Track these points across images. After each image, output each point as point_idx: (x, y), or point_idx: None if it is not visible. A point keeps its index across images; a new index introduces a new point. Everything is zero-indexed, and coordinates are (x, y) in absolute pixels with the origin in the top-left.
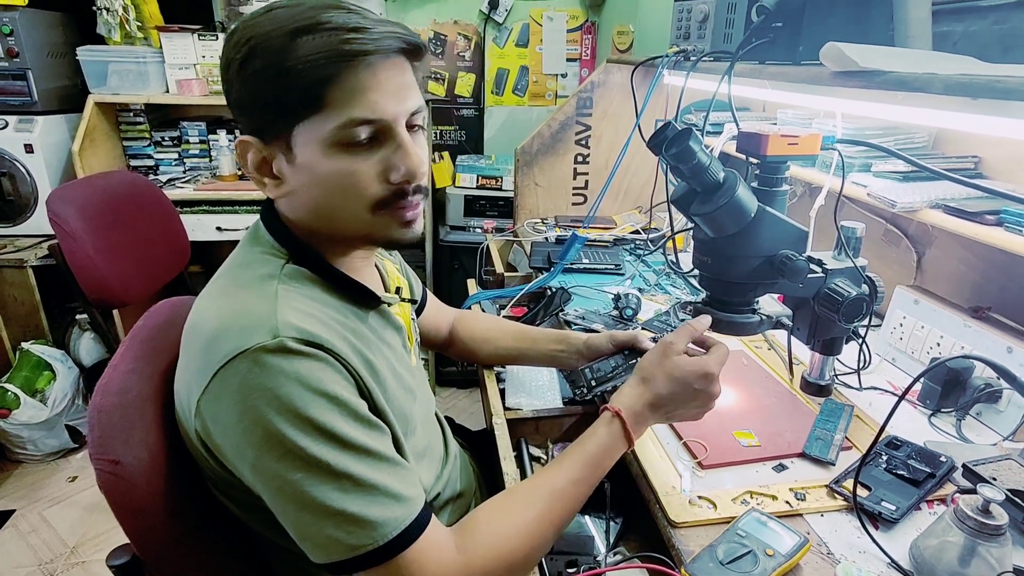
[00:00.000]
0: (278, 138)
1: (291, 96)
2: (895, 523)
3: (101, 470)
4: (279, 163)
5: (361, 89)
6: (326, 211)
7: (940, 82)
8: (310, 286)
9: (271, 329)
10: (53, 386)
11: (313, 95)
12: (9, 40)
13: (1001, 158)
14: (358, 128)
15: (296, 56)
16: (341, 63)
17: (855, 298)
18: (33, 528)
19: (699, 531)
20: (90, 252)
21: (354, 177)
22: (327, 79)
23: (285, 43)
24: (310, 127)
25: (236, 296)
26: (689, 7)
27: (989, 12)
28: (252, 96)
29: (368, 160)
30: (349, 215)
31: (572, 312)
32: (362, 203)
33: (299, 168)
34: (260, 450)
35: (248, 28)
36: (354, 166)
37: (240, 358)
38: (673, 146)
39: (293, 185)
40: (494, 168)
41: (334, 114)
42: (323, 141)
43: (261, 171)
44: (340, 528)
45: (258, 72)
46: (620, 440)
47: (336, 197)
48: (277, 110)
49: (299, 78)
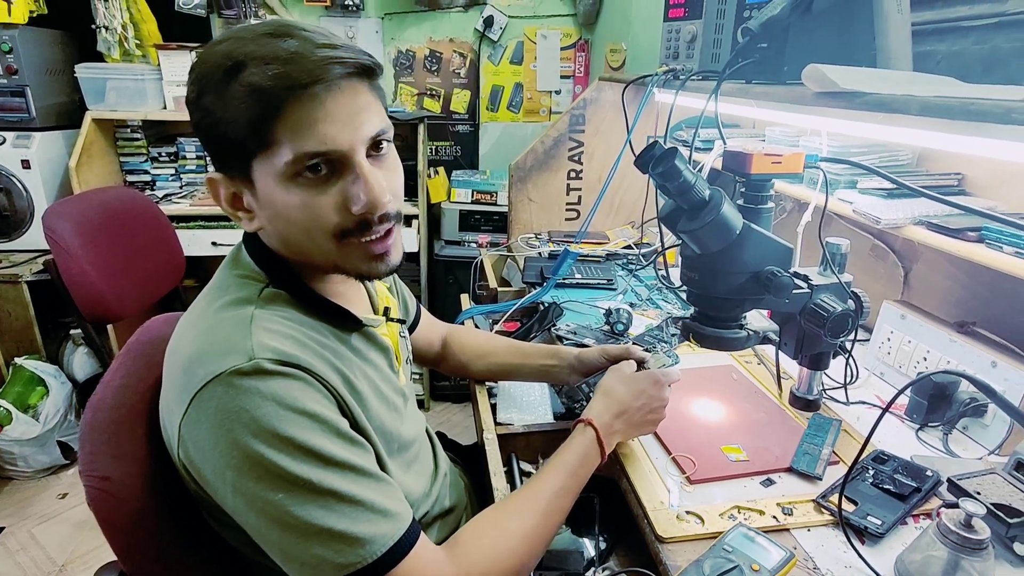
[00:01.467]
0: (240, 174)
1: (239, 134)
2: (881, 538)
3: (91, 487)
4: (247, 197)
5: (310, 122)
6: (294, 244)
7: (917, 104)
8: (289, 309)
9: (246, 351)
10: (46, 402)
11: (260, 132)
12: (8, 58)
13: (984, 175)
14: (312, 161)
15: (236, 93)
16: (284, 96)
17: (840, 314)
18: (22, 546)
19: (686, 546)
20: (85, 267)
21: (313, 210)
22: (270, 115)
23: (225, 82)
24: (264, 163)
25: (212, 321)
26: (678, 27)
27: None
28: (207, 134)
29: (327, 193)
30: (315, 248)
31: (564, 327)
32: (324, 235)
33: (262, 203)
34: (240, 472)
35: (198, 61)
36: (313, 199)
37: (216, 381)
38: (660, 165)
39: (263, 219)
40: (489, 183)
41: (284, 150)
42: (278, 176)
43: (234, 205)
44: (327, 547)
45: (207, 111)
46: (595, 450)
47: (299, 230)
48: (230, 148)
49: (244, 115)
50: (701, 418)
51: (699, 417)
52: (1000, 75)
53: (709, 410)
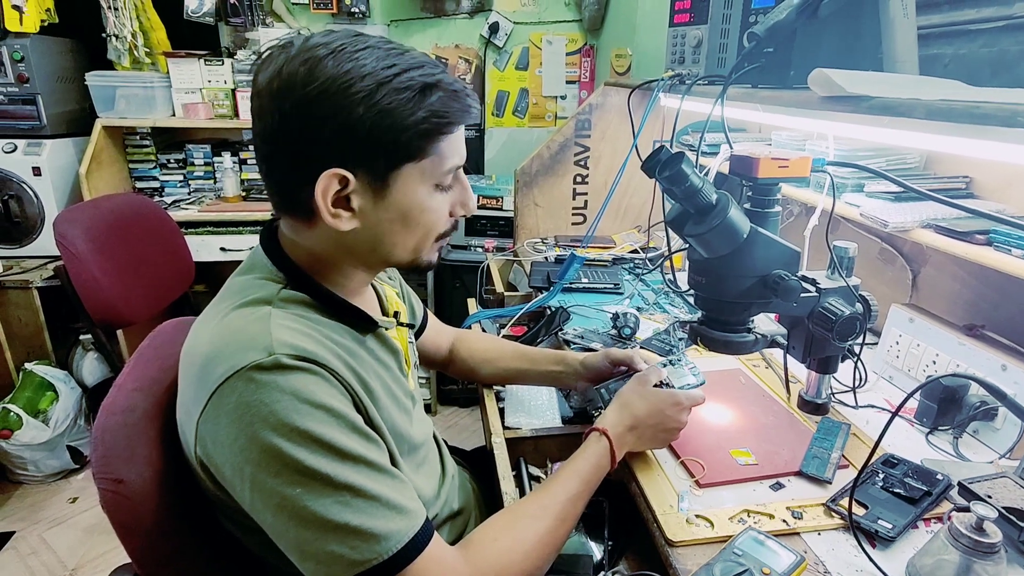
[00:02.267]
0: (376, 175)
1: (412, 140)
2: (892, 541)
3: (104, 489)
4: (363, 199)
5: (459, 142)
6: (391, 242)
7: (923, 107)
8: (306, 309)
9: (266, 347)
10: (55, 407)
11: (431, 143)
12: (20, 66)
13: (992, 178)
14: (454, 172)
15: (421, 109)
16: (459, 120)
17: (848, 317)
18: (33, 550)
19: (696, 550)
20: (95, 273)
21: (439, 213)
22: (443, 133)
23: (418, 95)
24: (418, 169)
25: (230, 320)
26: (683, 32)
27: (978, 35)
28: (370, 130)
29: (447, 198)
30: (415, 245)
31: (571, 331)
32: (434, 235)
33: (389, 204)
34: (257, 466)
35: (376, 67)
36: (441, 204)
37: (236, 377)
38: (666, 169)
39: (370, 220)
40: (495, 188)
41: (444, 160)
42: (429, 182)
43: (336, 204)
44: (343, 543)
45: (381, 111)
46: (606, 458)
47: (418, 231)
48: (389, 148)
49: (420, 126)
50: (710, 422)
51: (708, 421)
52: (1008, 78)
53: (717, 414)
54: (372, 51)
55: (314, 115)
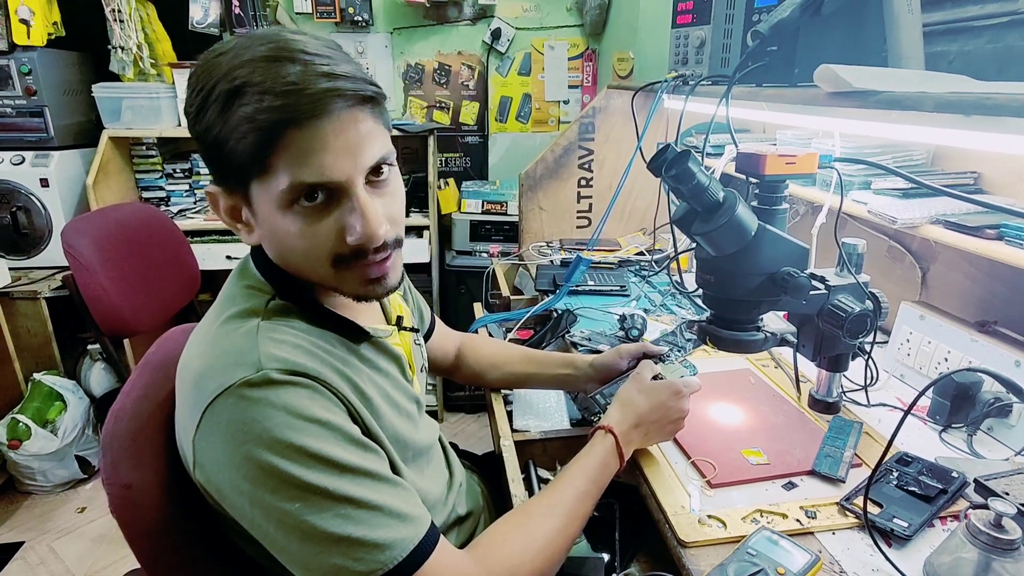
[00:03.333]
0: (239, 191)
1: (238, 159)
2: (908, 540)
3: (113, 495)
4: (246, 212)
5: (307, 151)
6: (292, 264)
7: (932, 100)
8: (295, 320)
9: (254, 363)
10: (64, 416)
11: (258, 160)
12: (27, 79)
13: (1000, 173)
14: (308, 191)
15: (234, 122)
16: (283, 126)
17: (859, 314)
18: (41, 560)
19: (709, 550)
20: (103, 283)
21: (309, 238)
22: (268, 146)
23: (226, 106)
24: (261, 188)
25: (219, 334)
26: (686, 33)
27: (983, 31)
28: (206, 149)
29: (324, 221)
30: (311, 270)
31: (578, 334)
32: (321, 261)
33: (260, 221)
34: (255, 484)
35: (198, 76)
36: (309, 227)
37: (226, 394)
38: (673, 168)
39: (264, 235)
40: (499, 193)
41: (282, 177)
42: (275, 202)
43: (233, 217)
44: (347, 556)
45: (207, 128)
46: (613, 457)
47: (296, 254)
48: (229, 168)
49: (241, 143)
50: (720, 422)
51: (718, 421)
52: (1014, 73)
53: (727, 414)
54: (223, 57)
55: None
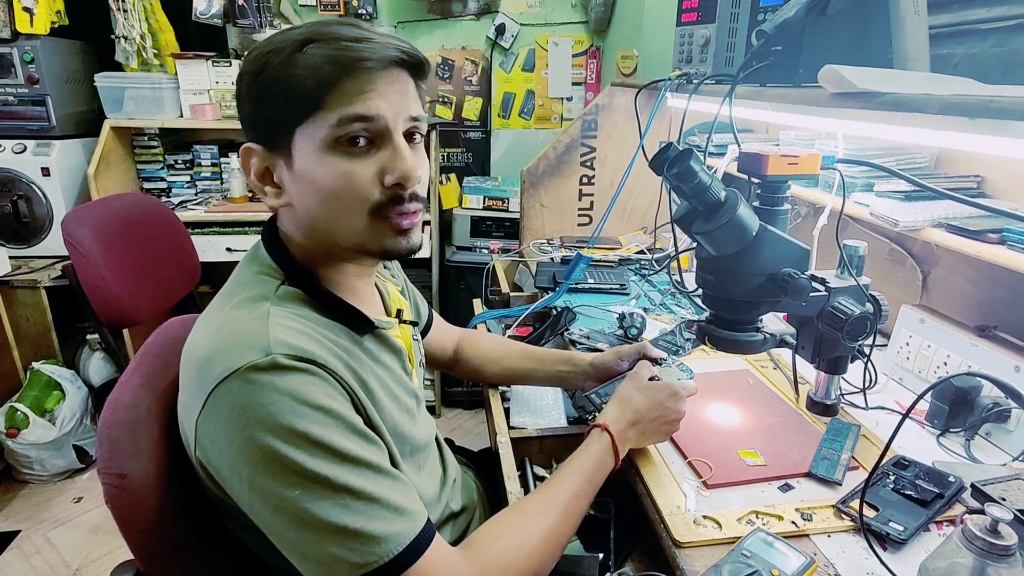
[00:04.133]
0: (280, 145)
1: (293, 99)
2: (903, 544)
3: (109, 484)
4: (280, 172)
5: (359, 91)
6: (323, 220)
7: (936, 102)
8: (304, 307)
9: (263, 347)
10: (62, 406)
11: (313, 97)
12: (30, 68)
13: (1004, 177)
14: (354, 125)
15: (300, 63)
16: (342, 68)
17: (859, 316)
18: (37, 549)
19: (704, 551)
20: (103, 272)
21: (350, 178)
22: (327, 83)
23: (292, 53)
24: (309, 129)
25: (229, 318)
26: (691, 32)
27: (989, 34)
28: (259, 105)
29: (364, 162)
30: (345, 222)
31: (577, 332)
32: (358, 207)
33: (298, 175)
34: (256, 468)
35: (263, 44)
36: (351, 167)
37: (232, 377)
38: (675, 166)
39: (292, 194)
40: (500, 190)
41: (332, 113)
42: (322, 141)
43: (263, 180)
44: (343, 546)
45: (266, 81)
46: (609, 455)
47: (333, 202)
48: (280, 115)
49: (302, 83)
50: (717, 422)
51: (715, 421)
52: (1019, 77)
53: (725, 414)
54: (291, 31)
55: (239, 98)
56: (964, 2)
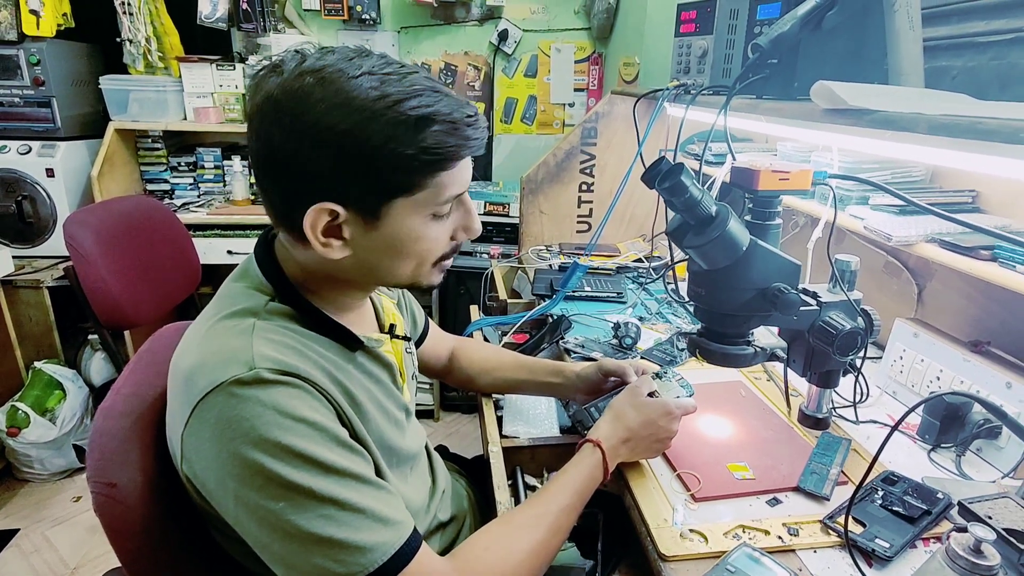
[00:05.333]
0: (366, 208)
1: (404, 177)
2: (889, 561)
3: (97, 492)
4: (353, 229)
5: (458, 177)
6: (385, 268)
7: (926, 122)
8: (292, 323)
9: (246, 361)
10: (63, 405)
11: (427, 179)
12: (36, 69)
13: (999, 193)
14: (453, 202)
15: (420, 145)
16: (457, 153)
17: (849, 331)
18: (36, 548)
19: (689, 565)
20: (103, 274)
21: (436, 242)
22: (443, 167)
23: (414, 129)
24: (411, 202)
25: (214, 331)
26: (689, 43)
27: (988, 48)
28: (355, 168)
29: (445, 226)
30: (411, 271)
31: (572, 340)
32: (430, 261)
33: (380, 234)
34: (240, 481)
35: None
36: (438, 233)
37: (217, 391)
38: (666, 180)
39: (362, 250)
40: (501, 195)
41: (441, 192)
42: (424, 213)
43: (328, 234)
44: (328, 556)
45: (373, 148)
46: (599, 470)
47: (411, 259)
48: (382, 186)
49: (418, 162)
50: (708, 435)
51: (706, 434)
52: (1017, 92)
53: (716, 427)
54: (367, 79)
55: (303, 147)
56: (964, 14)
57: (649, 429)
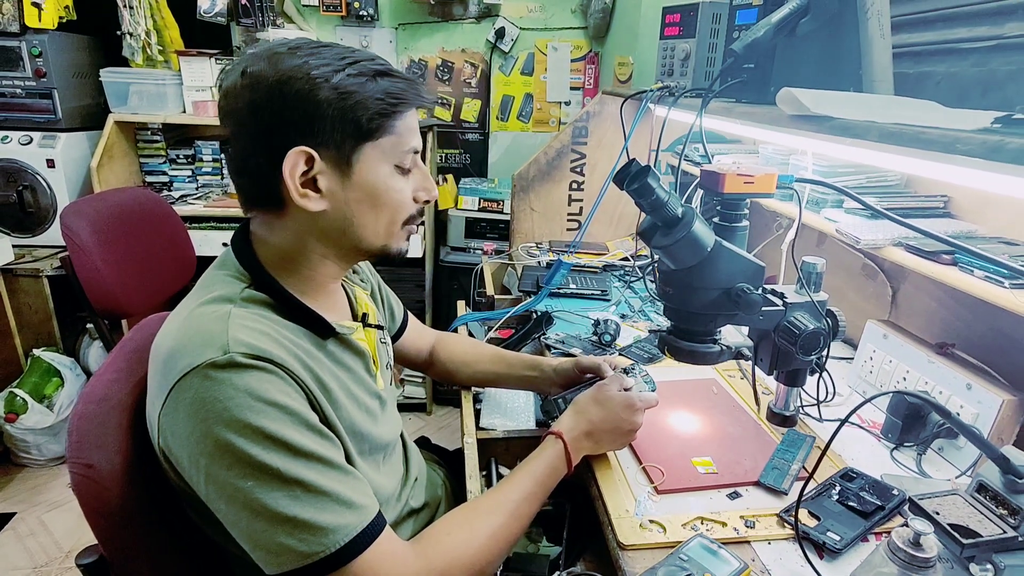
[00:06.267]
0: (339, 155)
1: (370, 119)
2: (839, 553)
3: (75, 473)
4: (329, 179)
5: (412, 126)
6: (360, 225)
7: (876, 130)
8: (267, 310)
9: (221, 346)
10: (60, 393)
11: (388, 122)
12: (38, 61)
13: (969, 198)
14: (413, 155)
15: (378, 89)
16: (410, 103)
17: (812, 332)
18: (31, 531)
19: (646, 554)
20: (98, 264)
21: (402, 195)
22: (399, 113)
23: (372, 78)
24: (377, 148)
25: (193, 316)
26: (672, 45)
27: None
28: (332, 109)
29: (407, 182)
30: (383, 228)
31: (553, 336)
32: (399, 218)
33: (354, 185)
34: (212, 459)
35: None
36: (403, 186)
37: (193, 373)
38: (634, 182)
39: (337, 201)
40: (496, 192)
41: (401, 141)
42: (390, 162)
43: (305, 186)
44: (292, 535)
45: (343, 92)
46: (562, 461)
47: (382, 212)
48: (353, 128)
49: (377, 106)
50: (676, 429)
51: (674, 428)
52: (996, 98)
53: (685, 422)
54: (327, 49)
55: (279, 99)
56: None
57: (611, 423)
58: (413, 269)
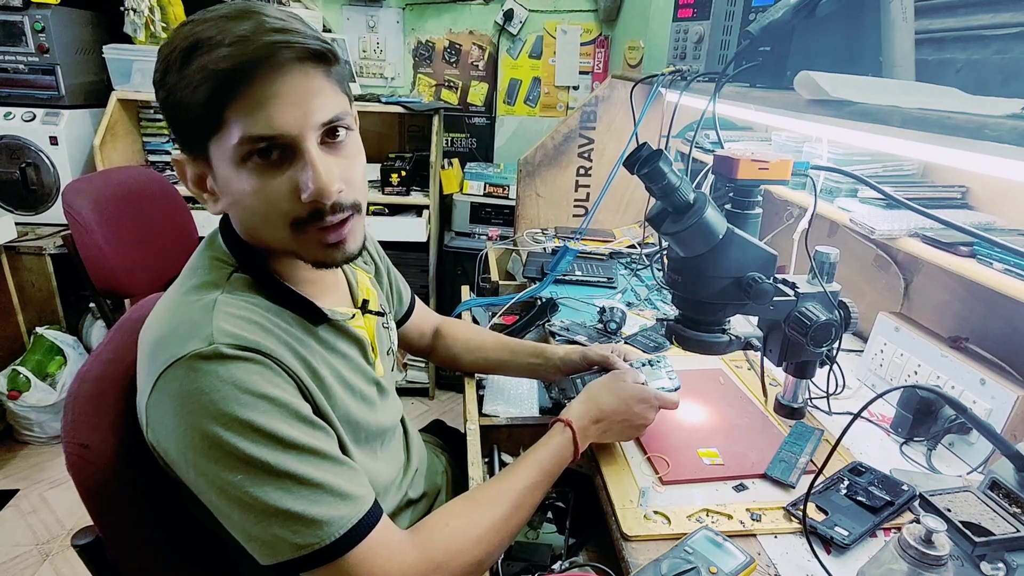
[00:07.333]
0: (200, 155)
1: (195, 114)
2: (847, 548)
3: (70, 453)
4: (210, 179)
5: (258, 104)
6: (252, 228)
7: (900, 115)
8: (255, 295)
9: (206, 336)
10: (63, 371)
11: (213, 113)
12: (40, 36)
13: (987, 189)
14: (258, 145)
15: (191, 77)
16: (231, 80)
17: (823, 323)
18: (34, 508)
19: (650, 545)
20: (100, 243)
21: (265, 195)
22: (221, 97)
23: (183, 63)
24: (218, 145)
25: (178, 304)
26: (686, 28)
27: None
28: (169, 114)
29: (278, 178)
30: (271, 234)
31: (558, 323)
32: (278, 222)
33: (220, 185)
34: (200, 453)
35: (163, 45)
36: (264, 183)
37: (177, 365)
38: (645, 166)
39: (224, 203)
40: (501, 176)
41: (233, 131)
42: (230, 159)
43: (199, 186)
44: (285, 527)
45: (169, 92)
46: (569, 449)
47: (254, 216)
48: (189, 129)
49: (197, 97)
50: (682, 420)
51: (680, 419)
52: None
53: (691, 413)
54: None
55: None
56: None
57: (622, 414)
58: (417, 254)
